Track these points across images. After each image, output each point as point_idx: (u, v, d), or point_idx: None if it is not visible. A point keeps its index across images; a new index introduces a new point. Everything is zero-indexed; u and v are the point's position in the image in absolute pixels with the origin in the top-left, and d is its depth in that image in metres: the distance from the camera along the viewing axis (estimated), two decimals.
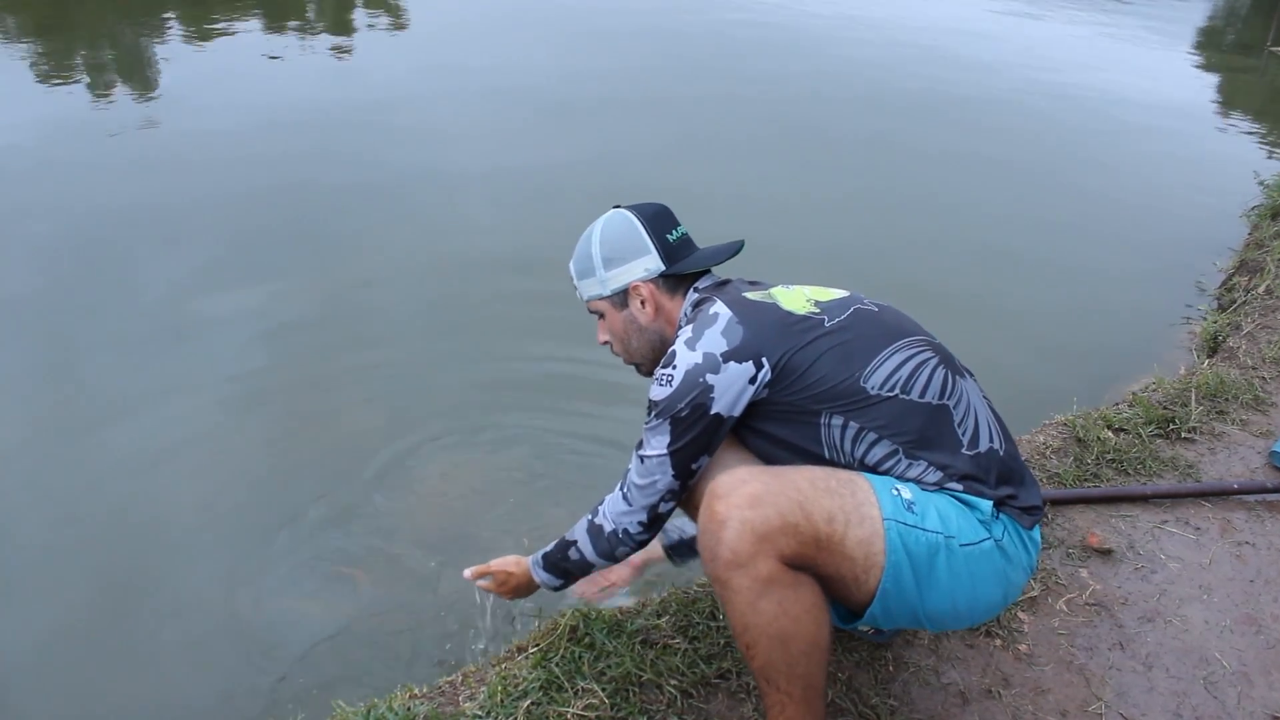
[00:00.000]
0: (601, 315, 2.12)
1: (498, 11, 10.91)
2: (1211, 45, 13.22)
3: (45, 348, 4.11)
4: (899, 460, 1.78)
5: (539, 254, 4.77)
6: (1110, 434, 3.22)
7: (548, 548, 2.15)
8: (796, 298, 1.90)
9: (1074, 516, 2.85)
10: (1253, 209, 6.04)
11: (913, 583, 1.71)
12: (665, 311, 2.05)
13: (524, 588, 2.25)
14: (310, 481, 3.41)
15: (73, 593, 2.96)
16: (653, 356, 2.11)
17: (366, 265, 4.94)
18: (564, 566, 2.12)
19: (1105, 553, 2.71)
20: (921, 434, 1.78)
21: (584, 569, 2.09)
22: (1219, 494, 2.97)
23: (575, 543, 2.07)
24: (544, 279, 4.42)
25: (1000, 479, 1.80)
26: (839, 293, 1.95)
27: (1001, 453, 1.83)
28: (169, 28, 9.54)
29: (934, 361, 1.83)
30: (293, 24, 10.03)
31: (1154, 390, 3.58)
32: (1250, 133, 8.83)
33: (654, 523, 1.97)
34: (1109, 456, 3.11)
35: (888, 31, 11.25)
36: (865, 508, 1.71)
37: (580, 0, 11.42)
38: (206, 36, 9.25)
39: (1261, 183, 6.30)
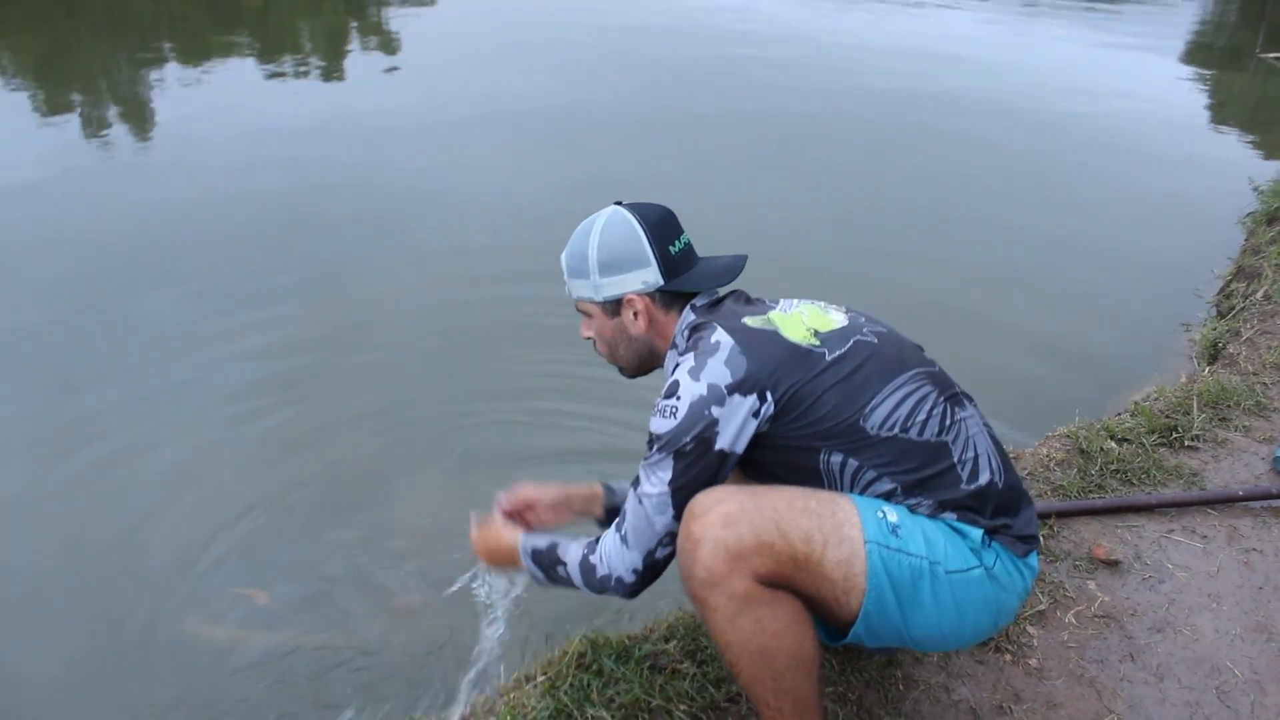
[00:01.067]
0: (589, 314, 2.06)
1: (492, 38, 10.97)
2: (1201, 53, 13.29)
3: (47, 380, 4.13)
4: (896, 497, 1.78)
5: (540, 279, 4.78)
6: (1113, 444, 3.22)
7: (540, 543, 2.06)
8: (796, 325, 1.84)
9: (1080, 528, 2.85)
10: (1248, 215, 6.05)
11: (895, 606, 1.72)
12: (659, 325, 1.99)
13: (502, 553, 2.14)
14: (306, 509, 3.43)
15: (62, 620, 2.99)
16: (638, 364, 2.07)
17: (368, 294, 4.95)
18: (551, 574, 2.04)
19: (1112, 564, 2.70)
20: (920, 472, 1.77)
21: (565, 585, 2.01)
22: (1224, 501, 2.96)
23: (565, 565, 1.99)
24: (545, 304, 4.46)
25: (997, 510, 1.80)
26: (838, 318, 1.90)
27: (1000, 485, 1.82)
28: (165, 63, 9.61)
29: (933, 396, 1.81)
30: (288, 56, 10.10)
31: (1156, 399, 3.57)
32: (1243, 139, 8.86)
33: (649, 570, 1.89)
34: (1113, 467, 3.10)
35: (884, 48, 11.30)
36: (846, 529, 1.71)
37: (574, 26, 11.48)
38: (203, 71, 9.30)
39: (1256, 188, 6.31)
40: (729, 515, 1.68)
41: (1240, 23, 16.97)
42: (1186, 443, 3.27)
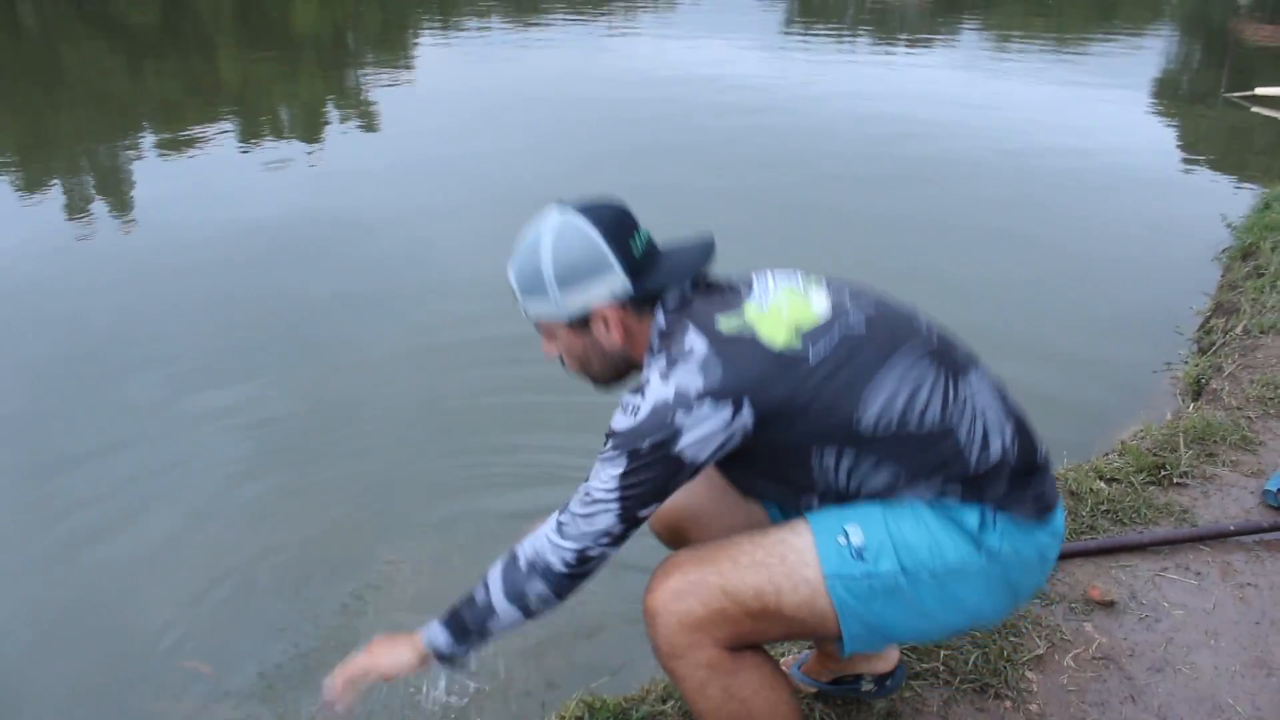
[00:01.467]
0: (551, 333, 1.86)
1: (471, 110, 11.08)
2: (1169, 95, 13.52)
3: (24, 457, 4.12)
4: (900, 483, 1.68)
5: (525, 349, 4.82)
6: (1102, 484, 3.22)
7: (452, 605, 1.81)
8: (775, 324, 1.68)
9: (1074, 571, 2.84)
10: (1223, 250, 6.13)
11: (877, 624, 1.69)
12: (634, 334, 1.79)
13: (393, 657, 1.83)
14: (280, 583, 3.41)
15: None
16: (614, 374, 1.88)
17: (350, 368, 4.94)
18: (462, 619, 1.77)
19: (1108, 605, 2.69)
20: (923, 462, 1.67)
21: (481, 624, 1.76)
22: (1216, 537, 2.96)
23: (486, 583, 1.76)
24: (532, 373, 4.47)
25: (1010, 483, 1.69)
26: (820, 307, 1.72)
27: (1013, 457, 1.71)
28: (143, 141, 9.66)
29: (932, 376, 1.68)
30: (266, 130, 10.18)
31: (1142, 438, 3.58)
32: (1214, 177, 9.00)
33: (581, 564, 1.70)
34: (1103, 507, 3.10)
35: (861, 110, 11.46)
36: (800, 570, 1.67)
37: (554, 98, 11.61)
38: (182, 147, 9.36)
39: (1229, 225, 6.40)
40: (676, 590, 1.67)
41: (1203, 65, 17.31)
42: (1175, 480, 3.27)
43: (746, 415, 1.62)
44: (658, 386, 1.63)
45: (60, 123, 10.57)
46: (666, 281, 1.76)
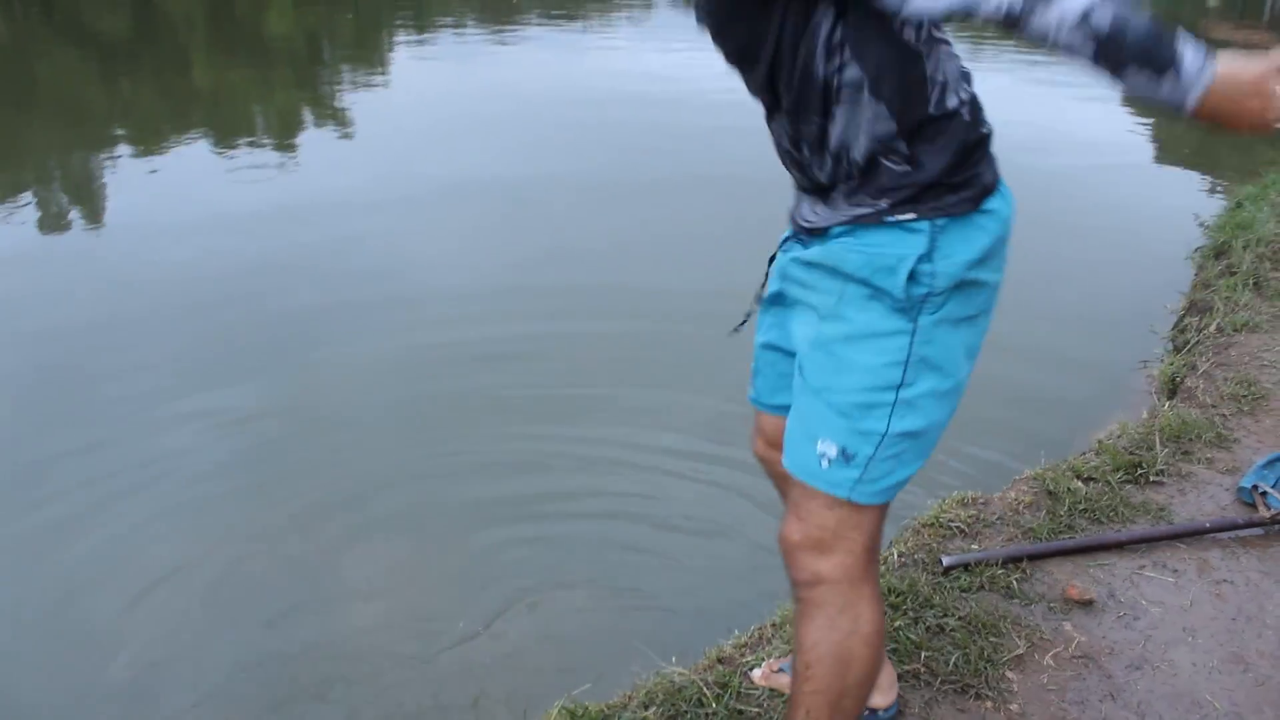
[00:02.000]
0: None
1: (447, 113, 11.03)
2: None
3: (6, 469, 4.08)
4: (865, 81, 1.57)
5: (502, 350, 4.84)
6: (1080, 484, 3.24)
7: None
8: None
9: (1052, 570, 2.85)
10: (1196, 250, 6.17)
11: (907, 473, 1.69)
12: None
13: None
14: (266, 604, 3.37)
15: None
16: None
17: (327, 373, 4.93)
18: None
19: (1086, 603, 2.71)
20: (895, 71, 1.62)
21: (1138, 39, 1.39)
22: (1192, 534, 2.98)
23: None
24: (509, 375, 4.47)
25: (955, 155, 1.70)
26: None
27: (968, 115, 1.72)
28: (118, 151, 9.58)
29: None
30: (241, 138, 10.11)
31: (1119, 436, 3.60)
32: (1186, 177, 9.07)
33: None
34: (1081, 507, 3.12)
35: None
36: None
37: (529, 99, 11.59)
38: (156, 156, 9.30)
39: (1202, 224, 6.44)
40: (803, 525, 1.68)
41: None
42: (1151, 478, 3.30)
43: None
44: None
45: (33, 133, 10.48)
46: None
